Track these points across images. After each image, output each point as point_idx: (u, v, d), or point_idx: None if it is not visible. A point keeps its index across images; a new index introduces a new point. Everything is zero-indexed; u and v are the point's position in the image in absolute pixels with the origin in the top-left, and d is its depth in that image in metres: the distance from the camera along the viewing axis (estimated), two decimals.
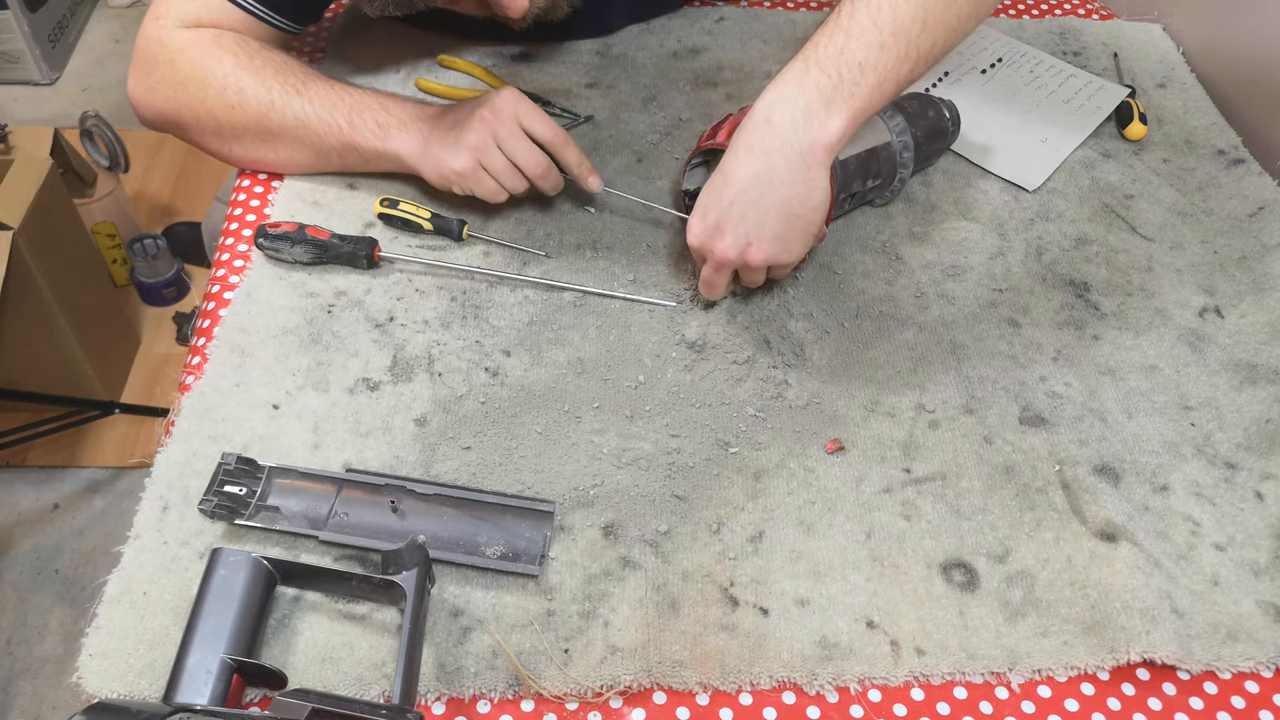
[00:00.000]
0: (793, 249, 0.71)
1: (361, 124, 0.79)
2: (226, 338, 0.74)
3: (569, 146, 0.80)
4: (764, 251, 0.71)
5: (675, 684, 0.58)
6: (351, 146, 0.80)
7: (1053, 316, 0.80)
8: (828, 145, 0.67)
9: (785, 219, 0.69)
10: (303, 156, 0.83)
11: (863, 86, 0.66)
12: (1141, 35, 1.08)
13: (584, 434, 0.70)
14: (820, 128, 0.67)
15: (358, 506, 0.64)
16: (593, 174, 0.82)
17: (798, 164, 0.67)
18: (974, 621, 0.62)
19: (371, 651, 0.59)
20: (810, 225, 0.71)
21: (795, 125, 0.67)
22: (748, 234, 0.70)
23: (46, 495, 1.59)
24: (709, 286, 0.75)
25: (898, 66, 0.67)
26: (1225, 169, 0.92)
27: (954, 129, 0.88)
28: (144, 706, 0.52)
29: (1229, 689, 0.60)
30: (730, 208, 0.70)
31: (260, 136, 0.81)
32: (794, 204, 0.69)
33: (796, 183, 0.68)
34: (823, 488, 0.68)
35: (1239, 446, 0.72)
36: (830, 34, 0.68)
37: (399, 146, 0.79)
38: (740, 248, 0.71)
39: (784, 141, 0.67)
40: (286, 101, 0.79)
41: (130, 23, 2.48)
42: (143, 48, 0.82)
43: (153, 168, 2.10)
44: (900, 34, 0.66)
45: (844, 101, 0.66)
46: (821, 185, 0.69)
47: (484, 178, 0.78)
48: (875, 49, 0.66)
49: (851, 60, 0.66)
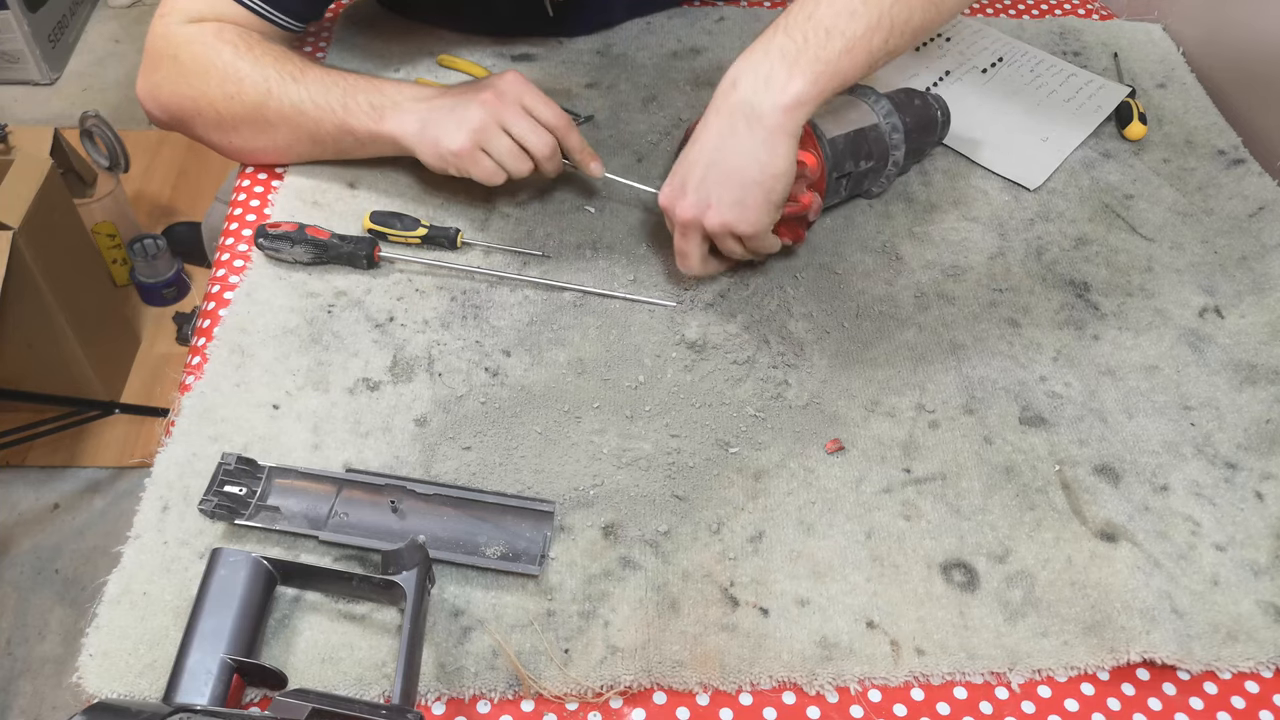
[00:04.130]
0: (750, 216, 0.71)
1: (355, 106, 0.79)
2: (226, 338, 0.74)
3: (572, 131, 0.80)
4: (721, 215, 0.71)
5: (675, 684, 0.58)
6: (346, 129, 0.80)
7: (1053, 316, 0.80)
8: (786, 107, 0.67)
9: (744, 184, 0.69)
10: (300, 144, 0.83)
11: (828, 51, 0.66)
12: (1141, 35, 1.08)
13: (584, 434, 0.70)
14: (780, 89, 0.67)
15: (358, 506, 0.64)
16: (595, 159, 0.82)
17: (758, 127, 0.68)
18: (974, 621, 0.62)
19: (371, 651, 0.59)
20: (771, 194, 0.70)
21: (756, 88, 0.67)
22: (708, 196, 0.71)
23: (46, 495, 1.59)
24: (681, 255, 0.75)
25: (869, 35, 0.67)
26: (1225, 169, 0.92)
27: (944, 121, 0.88)
28: (144, 706, 0.52)
29: (1229, 689, 0.60)
30: (693, 168, 0.71)
31: (259, 125, 0.81)
32: (754, 169, 0.69)
33: (757, 147, 0.68)
34: (823, 488, 0.68)
35: (1239, 446, 0.72)
36: (802, 2, 0.68)
37: (394, 128, 0.78)
38: (700, 209, 0.71)
39: (745, 103, 0.68)
40: (283, 88, 0.79)
41: (130, 23, 2.48)
42: (150, 45, 0.83)
43: (153, 168, 2.10)
44: (872, 3, 0.66)
45: (807, 65, 0.66)
46: (783, 153, 0.68)
47: (481, 158, 0.77)
48: (845, 15, 0.66)
49: (819, 25, 0.67)
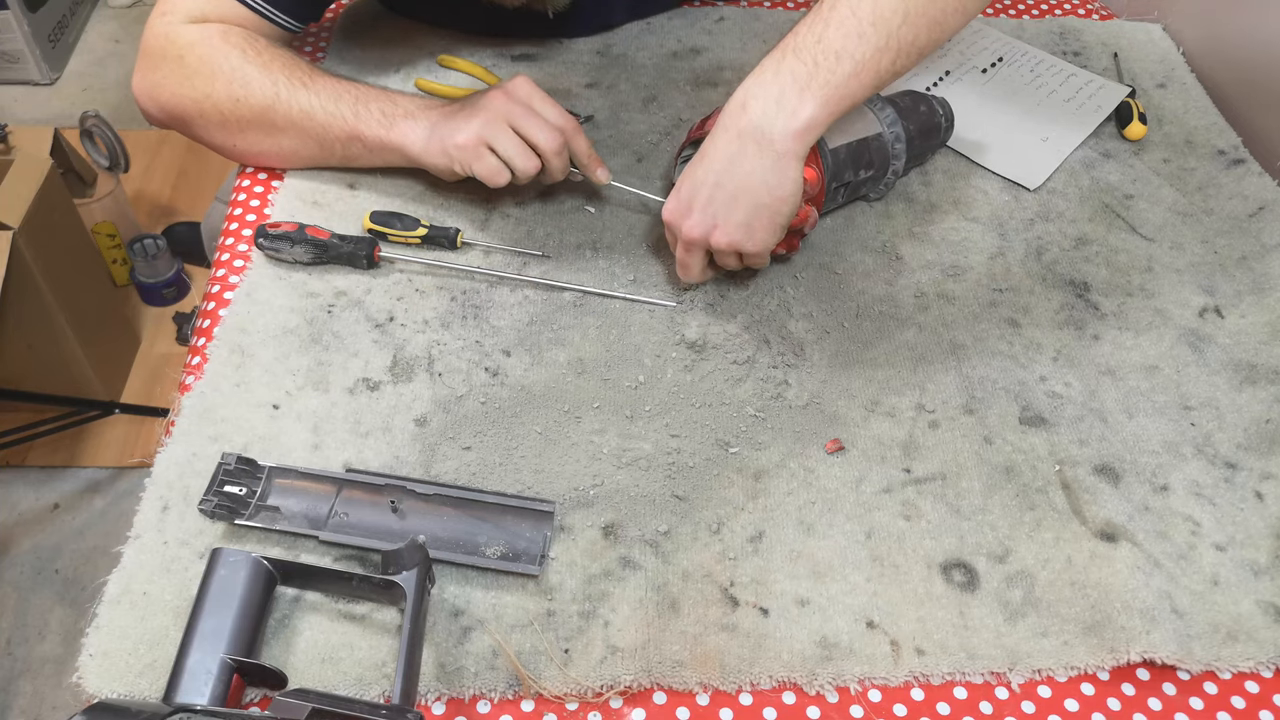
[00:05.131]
0: (757, 237, 0.71)
1: (367, 114, 0.80)
2: (226, 338, 0.74)
3: (579, 135, 0.80)
4: (729, 235, 0.71)
5: (675, 684, 0.58)
6: (355, 136, 0.80)
7: (1053, 316, 0.79)
8: (798, 132, 0.67)
9: (753, 206, 0.70)
10: (307, 149, 0.83)
11: (838, 75, 0.67)
12: (1141, 35, 1.08)
13: (584, 434, 0.70)
14: (791, 114, 0.67)
15: (358, 506, 0.64)
16: (601, 165, 0.82)
17: (768, 151, 0.68)
18: (974, 621, 0.62)
19: (371, 651, 0.59)
20: (778, 216, 0.71)
21: (767, 111, 0.68)
22: (715, 216, 0.71)
23: (46, 495, 1.59)
24: (683, 267, 0.76)
25: (877, 57, 0.67)
26: (1225, 169, 0.92)
27: (947, 125, 0.88)
28: (144, 706, 0.52)
29: (1229, 689, 0.60)
30: (700, 188, 0.71)
31: (265, 129, 0.81)
32: (762, 192, 0.69)
33: (766, 171, 0.68)
34: (823, 488, 0.68)
35: (1239, 446, 0.72)
36: (810, 23, 0.68)
37: (403, 136, 0.79)
38: (706, 228, 0.71)
39: (755, 127, 0.68)
40: (292, 94, 0.79)
41: (130, 23, 2.48)
42: (149, 44, 0.82)
43: (153, 168, 2.10)
44: (880, 24, 0.66)
45: (818, 89, 0.67)
46: (792, 177, 0.69)
47: (485, 154, 0.77)
48: (853, 38, 0.66)
49: (828, 49, 0.67)
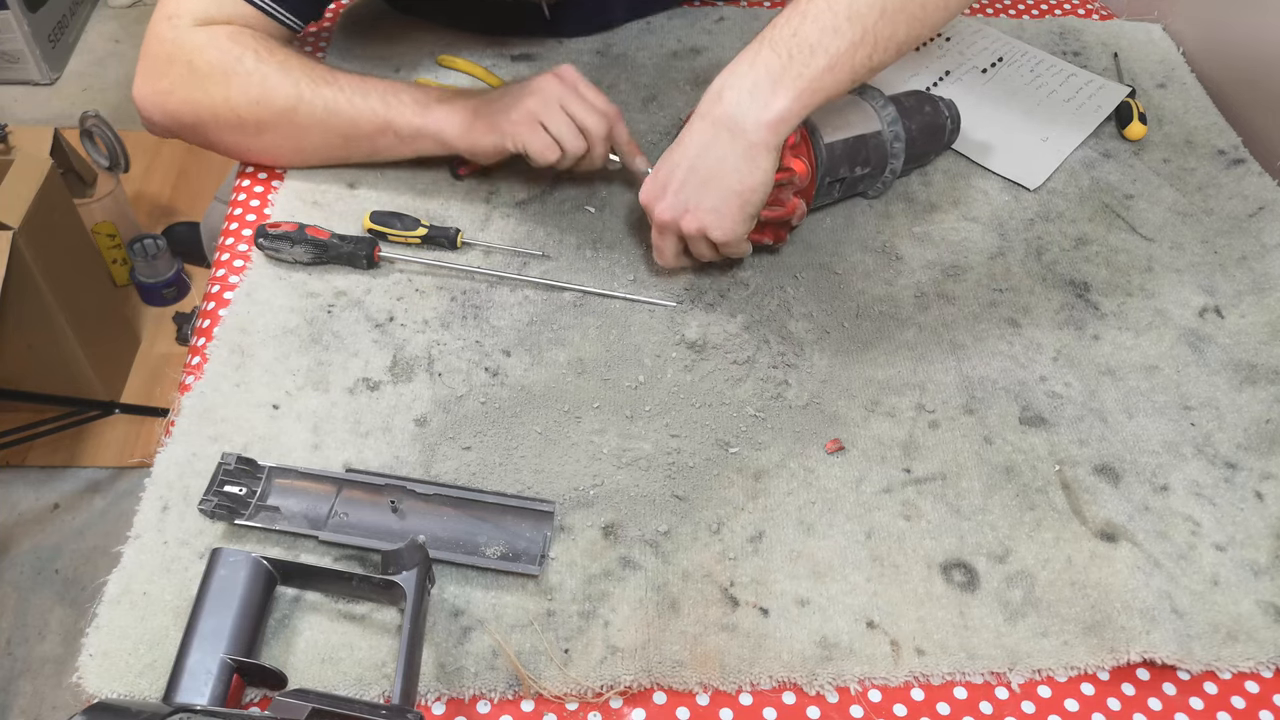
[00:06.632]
0: (726, 224, 0.72)
1: (398, 103, 0.80)
2: (226, 338, 0.74)
3: (621, 123, 0.82)
4: (698, 221, 0.72)
5: (675, 684, 0.58)
6: (387, 127, 0.80)
7: (1053, 316, 0.79)
8: (769, 123, 0.68)
9: (723, 193, 0.71)
10: (330, 146, 0.83)
11: (811, 68, 0.67)
12: (1141, 35, 1.08)
13: (584, 434, 0.70)
14: (764, 106, 0.68)
15: (358, 506, 0.64)
16: (640, 154, 0.84)
17: (740, 140, 0.69)
18: (974, 621, 0.62)
19: (371, 651, 0.59)
20: (747, 205, 0.72)
21: (741, 101, 0.69)
22: (686, 201, 0.72)
23: (46, 495, 1.59)
24: (657, 250, 0.77)
25: (852, 51, 0.67)
26: (1225, 169, 0.92)
27: (953, 127, 0.88)
28: (144, 706, 0.52)
29: (1229, 689, 0.60)
30: (674, 171, 0.72)
31: (287, 129, 0.81)
32: (733, 180, 0.70)
33: (738, 159, 0.69)
34: (823, 488, 0.68)
35: (1239, 446, 0.72)
36: (788, 16, 0.69)
37: (441, 120, 0.79)
38: (677, 212, 0.73)
39: (729, 116, 0.69)
40: (316, 91, 0.79)
41: (130, 23, 2.48)
42: (153, 49, 0.80)
43: (153, 168, 2.10)
44: (855, 19, 0.67)
45: (791, 82, 0.68)
46: (763, 166, 0.70)
47: (539, 131, 0.78)
48: (829, 32, 0.67)
49: (803, 42, 0.67)
